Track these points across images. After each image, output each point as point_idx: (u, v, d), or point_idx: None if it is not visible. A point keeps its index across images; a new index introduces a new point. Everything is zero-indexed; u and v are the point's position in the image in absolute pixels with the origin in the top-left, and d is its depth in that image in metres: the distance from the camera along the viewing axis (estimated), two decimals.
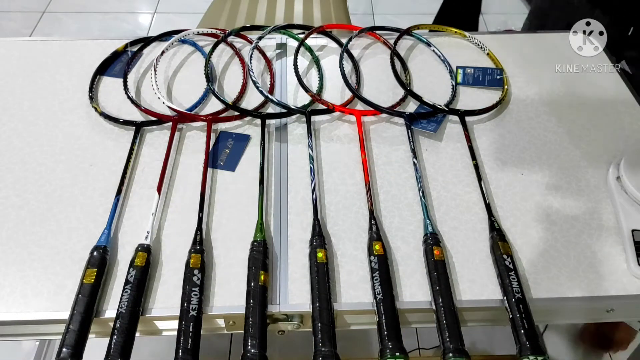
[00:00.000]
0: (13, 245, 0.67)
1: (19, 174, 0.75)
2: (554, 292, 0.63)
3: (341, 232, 0.68)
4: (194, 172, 0.75)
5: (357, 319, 0.65)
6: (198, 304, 0.59)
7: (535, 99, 0.87)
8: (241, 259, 0.65)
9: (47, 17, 2.44)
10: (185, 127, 0.82)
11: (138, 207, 0.71)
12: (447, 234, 0.68)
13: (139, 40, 0.95)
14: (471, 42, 0.98)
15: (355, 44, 0.97)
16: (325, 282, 0.60)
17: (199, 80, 0.89)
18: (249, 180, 0.74)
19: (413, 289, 0.63)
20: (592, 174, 0.76)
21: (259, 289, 0.60)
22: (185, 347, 0.56)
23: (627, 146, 0.79)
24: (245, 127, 0.82)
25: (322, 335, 0.56)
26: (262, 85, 0.86)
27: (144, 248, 0.63)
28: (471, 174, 0.75)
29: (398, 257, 0.66)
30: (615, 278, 0.65)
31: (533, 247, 0.67)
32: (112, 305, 0.61)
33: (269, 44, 0.97)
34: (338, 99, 0.86)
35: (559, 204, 0.72)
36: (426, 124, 0.81)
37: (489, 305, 0.63)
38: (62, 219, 0.69)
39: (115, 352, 0.55)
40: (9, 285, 0.63)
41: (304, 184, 0.74)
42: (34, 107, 0.84)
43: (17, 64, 0.92)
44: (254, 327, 0.57)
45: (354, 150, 0.78)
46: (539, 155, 0.78)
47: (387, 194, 0.73)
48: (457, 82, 0.90)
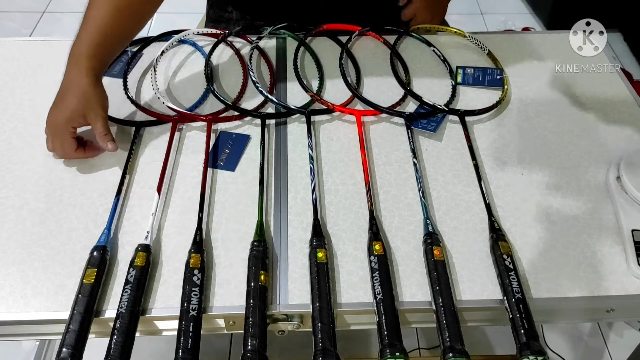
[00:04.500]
0: (13, 245, 0.67)
1: (19, 174, 0.75)
2: (554, 292, 0.63)
3: (341, 232, 0.68)
4: (194, 172, 0.75)
5: (357, 318, 0.65)
6: (198, 304, 0.59)
7: (535, 99, 0.87)
8: (241, 258, 0.65)
9: (47, 17, 2.44)
10: (185, 127, 0.82)
11: (138, 207, 0.71)
12: (447, 234, 0.68)
13: (139, 40, 0.95)
14: (471, 42, 0.98)
15: (355, 44, 0.97)
16: (326, 282, 0.60)
17: (198, 81, 0.89)
18: (248, 180, 0.74)
19: (413, 289, 0.63)
20: (592, 173, 0.76)
21: (259, 289, 0.60)
22: (186, 346, 0.56)
23: (627, 146, 0.79)
24: (245, 127, 0.82)
25: (322, 335, 0.56)
26: (262, 85, 0.86)
27: (144, 248, 0.63)
28: (471, 174, 0.75)
29: (398, 257, 0.66)
30: (616, 278, 0.65)
31: (533, 247, 0.67)
32: (112, 305, 0.61)
33: (269, 44, 0.97)
34: (338, 98, 0.86)
35: (559, 203, 0.72)
36: (426, 124, 0.81)
37: (489, 305, 0.63)
38: (62, 219, 0.69)
39: (115, 352, 0.55)
40: (9, 285, 0.63)
41: (303, 184, 0.74)
42: (34, 107, 0.84)
43: (17, 64, 0.92)
44: (254, 327, 0.57)
45: (353, 150, 0.78)
46: (539, 155, 0.78)
47: (387, 193, 0.73)
48: (457, 82, 0.90)
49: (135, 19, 0.80)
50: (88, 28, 0.74)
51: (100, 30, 0.75)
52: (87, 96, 0.72)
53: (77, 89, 0.72)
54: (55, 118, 0.73)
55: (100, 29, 0.75)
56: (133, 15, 0.79)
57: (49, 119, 0.74)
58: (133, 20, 0.80)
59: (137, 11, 0.79)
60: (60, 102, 0.73)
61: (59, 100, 0.73)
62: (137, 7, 0.79)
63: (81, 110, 0.72)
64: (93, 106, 0.73)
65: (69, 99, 0.72)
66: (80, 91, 0.72)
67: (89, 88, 0.72)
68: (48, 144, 0.75)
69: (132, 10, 0.78)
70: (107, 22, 0.75)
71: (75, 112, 0.72)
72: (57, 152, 0.75)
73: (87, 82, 0.72)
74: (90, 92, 0.72)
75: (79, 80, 0.72)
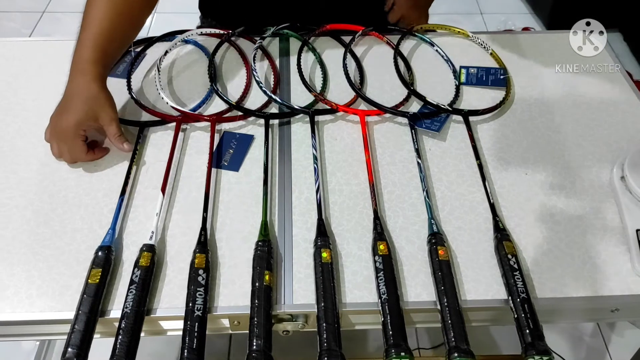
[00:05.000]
0: (18, 245, 0.67)
1: (23, 175, 0.75)
2: (558, 292, 0.63)
3: (345, 232, 0.68)
4: (198, 172, 0.75)
5: (362, 318, 0.65)
6: (203, 304, 0.59)
7: (539, 98, 0.87)
8: (246, 258, 0.65)
9: (47, 17, 2.44)
10: (189, 127, 0.82)
11: (142, 207, 0.71)
12: (451, 233, 0.68)
13: (143, 40, 0.95)
14: (474, 42, 0.98)
15: (358, 44, 0.97)
16: (330, 282, 0.60)
17: (202, 81, 0.89)
18: (253, 180, 0.74)
19: (418, 289, 0.63)
20: (596, 173, 0.76)
21: (263, 289, 0.60)
22: (191, 347, 0.56)
23: (631, 146, 0.79)
24: (249, 127, 0.82)
25: (327, 335, 0.56)
26: (266, 85, 0.86)
27: (148, 248, 0.63)
28: (475, 174, 0.75)
29: (402, 257, 0.66)
30: (620, 278, 0.65)
31: (537, 247, 0.67)
32: (117, 306, 0.61)
33: (273, 44, 0.97)
34: (341, 98, 0.86)
35: (563, 203, 0.72)
36: (430, 124, 0.81)
37: (493, 305, 0.63)
38: (66, 220, 0.69)
39: (120, 352, 0.55)
40: (13, 286, 0.63)
41: (307, 184, 0.74)
42: (37, 107, 0.84)
43: (18, 64, 0.92)
44: (259, 327, 0.57)
45: (357, 150, 0.78)
46: (543, 155, 0.78)
47: (391, 193, 0.73)
48: (461, 82, 0.90)
49: (134, 23, 0.81)
50: (90, 33, 0.74)
51: (102, 35, 0.75)
52: (97, 100, 0.72)
53: (85, 94, 0.72)
54: (63, 123, 0.72)
55: (103, 34, 0.75)
56: (132, 19, 0.80)
57: (53, 125, 0.74)
58: (132, 25, 0.81)
59: (136, 16, 0.81)
60: (67, 108, 0.73)
61: (65, 106, 0.73)
62: (137, 12, 0.80)
63: (92, 114, 0.72)
64: (104, 109, 0.73)
65: (77, 104, 0.72)
66: (90, 95, 0.72)
67: (98, 92, 0.72)
68: (54, 150, 0.75)
69: (132, 14, 0.79)
70: (108, 27, 0.75)
71: (86, 116, 0.72)
72: (65, 158, 0.75)
73: (95, 86, 0.72)
74: (100, 95, 0.72)
75: (87, 85, 0.72)
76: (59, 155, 0.75)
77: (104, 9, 0.76)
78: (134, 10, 0.79)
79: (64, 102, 0.74)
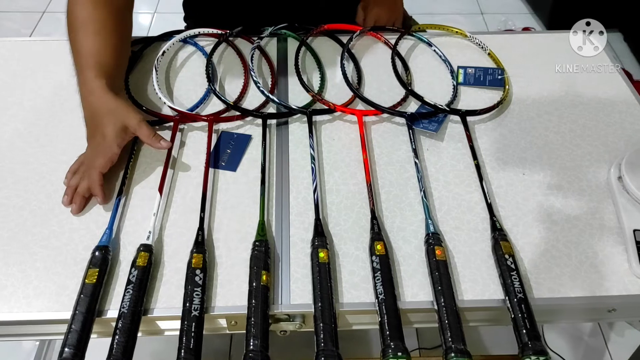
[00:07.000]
0: (15, 245, 0.67)
1: (21, 175, 0.75)
2: (555, 292, 0.63)
3: (343, 232, 0.68)
4: (196, 173, 0.75)
5: (359, 318, 0.65)
6: (200, 304, 0.59)
7: (537, 98, 0.87)
8: (243, 258, 0.65)
9: (47, 17, 2.44)
10: (187, 127, 0.82)
11: (140, 207, 0.71)
12: (448, 233, 0.68)
13: (140, 40, 0.95)
14: (472, 42, 0.98)
15: (356, 44, 0.97)
16: (327, 282, 0.60)
17: (200, 81, 0.89)
18: (250, 180, 0.74)
19: (415, 289, 0.63)
20: (594, 173, 0.76)
21: (260, 289, 0.60)
22: (188, 347, 0.56)
23: (629, 146, 0.79)
24: (247, 127, 0.82)
25: (324, 335, 0.56)
26: (263, 85, 0.86)
27: (145, 248, 0.63)
28: (472, 174, 0.75)
29: (400, 257, 0.66)
30: (617, 278, 0.65)
31: (535, 247, 0.67)
32: (114, 306, 0.61)
33: (270, 44, 0.97)
34: (339, 98, 0.86)
35: (560, 203, 0.72)
36: (427, 124, 0.81)
37: (490, 305, 0.63)
38: (63, 220, 0.69)
39: (117, 352, 0.55)
40: (11, 286, 0.63)
41: (305, 184, 0.74)
42: (34, 107, 0.84)
43: (18, 64, 0.92)
44: (256, 327, 0.57)
45: (355, 150, 0.78)
46: (540, 155, 0.78)
47: (389, 193, 0.73)
48: (458, 82, 0.90)
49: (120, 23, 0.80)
50: (83, 56, 0.74)
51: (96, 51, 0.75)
52: (117, 109, 0.71)
53: (103, 109, 0.71)
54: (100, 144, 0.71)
55: (96, 48, 0.75)
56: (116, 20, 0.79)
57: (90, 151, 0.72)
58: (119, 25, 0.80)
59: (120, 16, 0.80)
60: (96, 130, 0.72)
61: (93, 130, 0.72)
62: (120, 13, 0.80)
63: (119, 124, 0.71)
64: (128, 115, 0.72)
65: (102, 122, 0.71)
66: (108, 109, 0.71)
67: (114, 101, 0.72)
68: (74, 179, 0.71)
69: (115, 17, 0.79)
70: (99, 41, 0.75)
71: (116, 128, 0.71)
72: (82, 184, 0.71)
73: (109, 97, 0.72)
74: (117, 104, 0.72)
75: (100, 100, 0.72)
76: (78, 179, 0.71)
77: (88, 28, 0.75)
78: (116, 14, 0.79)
79: (90, 128, 0.73)
